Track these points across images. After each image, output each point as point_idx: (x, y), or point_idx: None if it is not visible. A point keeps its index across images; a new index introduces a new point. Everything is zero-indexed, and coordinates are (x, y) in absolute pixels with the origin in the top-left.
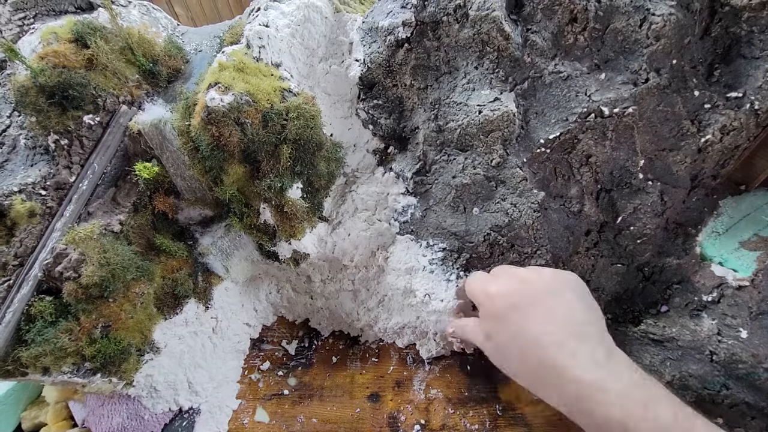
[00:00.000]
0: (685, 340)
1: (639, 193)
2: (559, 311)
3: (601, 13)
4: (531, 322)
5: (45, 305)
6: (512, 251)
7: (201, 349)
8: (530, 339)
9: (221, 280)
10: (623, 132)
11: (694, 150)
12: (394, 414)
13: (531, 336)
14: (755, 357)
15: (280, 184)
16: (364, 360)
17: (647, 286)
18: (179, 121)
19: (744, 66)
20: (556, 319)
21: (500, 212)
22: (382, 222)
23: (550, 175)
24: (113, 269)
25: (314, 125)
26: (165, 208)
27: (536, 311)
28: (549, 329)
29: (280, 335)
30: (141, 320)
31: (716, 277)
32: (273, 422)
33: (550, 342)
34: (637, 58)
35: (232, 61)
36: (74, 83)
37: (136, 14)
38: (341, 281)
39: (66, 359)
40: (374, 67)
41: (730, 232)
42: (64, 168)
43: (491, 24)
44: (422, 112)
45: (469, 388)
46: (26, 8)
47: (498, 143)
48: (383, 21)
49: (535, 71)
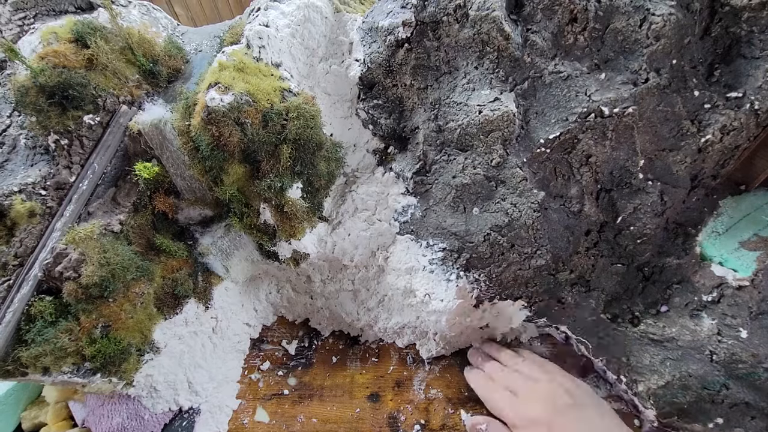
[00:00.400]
0: (685, 340)
1: (639, 193)
2: (592, 424)
3: (601, 13)
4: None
5: (45, 305)
6: (512, 251)
7: (201, 349)
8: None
9: (221, 280)
10: (623, 132)
11: (694, 150)
12: (394, 414)
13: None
14: (755, 357)
15: (280, 184)
16: (364, 360)
17: (647, 286)
18: (179, 121)
19: (744, 66)
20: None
21: (500, 212)
22: (382, 222)
23: (550, 175)
24: (113, 269)
25: (314, 125)
26: (165, 208)
27: (571, 428)
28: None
29: (280, 335)
30: (141, 320)
31: (716, 277)
32: (273, 422)
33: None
34: (637, 58)
35: (232, 61)
36: (74, 83)
37: (136, 14)
38: (341, 281)
39: (66, 359)
40: (374, 67)
41: (730, 232)
42: (64, 168)
43: (491, 24)
44: (422, 112)
45: (469, 388)
46: (26, 8)
47: (498, 143)
48: (383, 21)
49: (535, 71)
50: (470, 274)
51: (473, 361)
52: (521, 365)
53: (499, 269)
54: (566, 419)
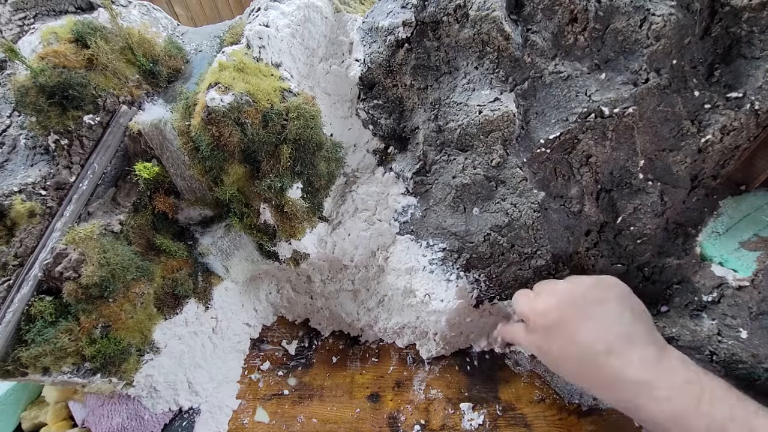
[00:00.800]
0: (685, 340)
1: (639, 193)
2: (606, 318)
3: (601, 13)
4: (581, 333)
5: (45, 305)
6: (512, 251)
7: (201, 349)
8: (582, 349)
9: (221, 280)
10: (623, 132)
11: (694, 150)
12: (394, 414)
13: (583, 346)
14: (755, 357)
15: (280, 184)
16: (364, 360)
17: (647, 286)
18: (179, 121)
19: (744, 66)
20: (604, 326)
21: (500, 212)
22: (382, 222)
23: (550, 175)
24: (113, 269)
25: (314, 125)
26: (165, 208)
27: (584, 322)
28: (599, 338)
29: (280, 335)
30: (141, 320)
31: (716, 277)
32: (273, 422)
33: (601, 350)
34: (637, 58)
35: (232, 61)
36: (74, 83)
37: (136, 14)
38: (341, 281)
39: (66, 359)
40: (374, 67)
41: (730, 232)
42: (64, 168)
43: (491, 24)
44: (422, 112)
45: (469, 388)
46: (26, 8)
47: (498, 143)
48: (383, 21)
49: (535, 71)
50: (470, 274)
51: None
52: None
53: (499, 269)
54: (578, 310)
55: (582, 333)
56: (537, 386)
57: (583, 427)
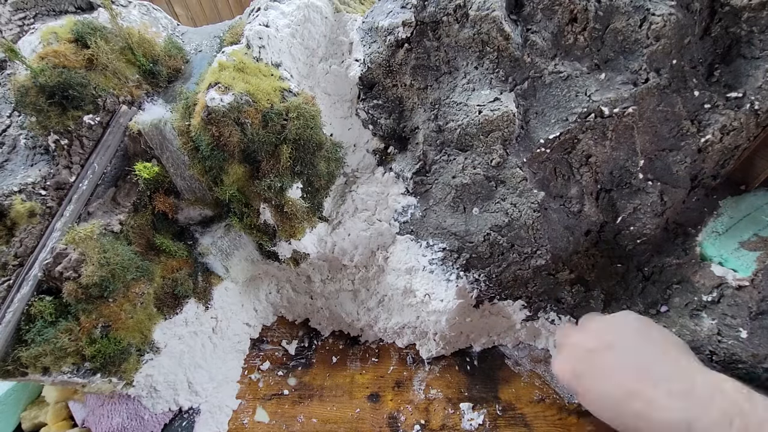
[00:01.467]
0: (685, 340)
1: (639, 193)
2: (620, 362)
3: (601, 13)
4: (597, 386)
5: (45, 305)
6: (512, 251)
7: (201, 349)
8: (604, 400)
9: (221, 280)
10: (623, 132)
11: (694, 150)
12: (394, 414)
13: (603, 396)
14: (755, 357)
15: (280, 184)
16: (364, 360)
17: (647, 286)
18: (179, 121)
19: (744, 66)
20: (619, 372)
21: (500, 212)
22: (382, 222)
23: (550, 175)
24: (113, 269)
25: (314, 125)
26: (165, 208)
27: (597, 372)
28: (616, 385)
29: (280, 335)
30: (141, 320)
31: (716, 277)
32: (273, 422)
33: (620, 396)
34: (637, 58)
35: (232, 61)
36: (74, 83)
37: (136, 14)
38: (341, 281)
39: (66, 359)
40: (374, 67)
41: (730, 232)
42: (64, 168)
43: (491, 24)
44: (422, 112)
45: (469, 388)
46: (26, 8)
47: (498, 143)
48: (383, 21)
49: (535, 71)
50: (470, 274)
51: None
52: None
53: (499, 269)
54: (588, 365)
55: (598, 385)
56: (537, 386)
57: (583, 427)
